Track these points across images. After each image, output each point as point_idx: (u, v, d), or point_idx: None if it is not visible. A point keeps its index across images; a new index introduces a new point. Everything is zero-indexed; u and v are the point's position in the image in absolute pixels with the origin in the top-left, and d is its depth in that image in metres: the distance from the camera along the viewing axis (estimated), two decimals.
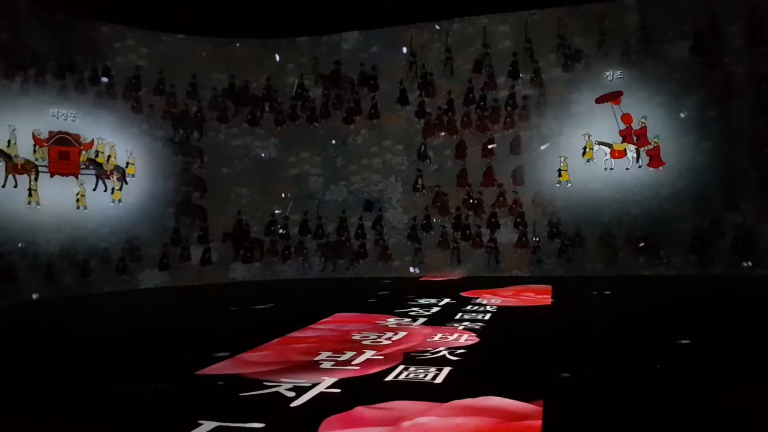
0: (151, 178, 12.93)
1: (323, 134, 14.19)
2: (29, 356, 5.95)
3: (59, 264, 11.26)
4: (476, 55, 13.17)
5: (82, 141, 11.84)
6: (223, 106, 13.64)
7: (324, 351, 5.47)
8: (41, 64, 11.17)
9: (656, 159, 12.20)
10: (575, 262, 12.39)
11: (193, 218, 13.32)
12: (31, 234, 10.91)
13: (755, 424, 3.37)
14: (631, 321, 7.07)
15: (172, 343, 6.45)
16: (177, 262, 13.04)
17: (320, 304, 9.00)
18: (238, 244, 13.70)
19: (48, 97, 11.37)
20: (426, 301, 8.86)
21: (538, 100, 12.86)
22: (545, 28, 12.83)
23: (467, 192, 13.24)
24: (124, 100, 12.54)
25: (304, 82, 14.01)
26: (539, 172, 12.88)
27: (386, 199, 13.81)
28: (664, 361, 4.80)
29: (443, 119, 13.45)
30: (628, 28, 12.24)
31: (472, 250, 13.18)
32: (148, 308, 10.12)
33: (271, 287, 12.56)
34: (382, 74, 13.72)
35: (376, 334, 6.27)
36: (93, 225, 11.93)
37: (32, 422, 3.80)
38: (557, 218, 12.59)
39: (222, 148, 13.87)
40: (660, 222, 11.86)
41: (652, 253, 11.92)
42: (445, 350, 5.35)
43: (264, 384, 4.38)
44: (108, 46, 12.58)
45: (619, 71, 12.36)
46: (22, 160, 10.80)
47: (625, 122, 12.38)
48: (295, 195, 14.16)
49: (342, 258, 14.00)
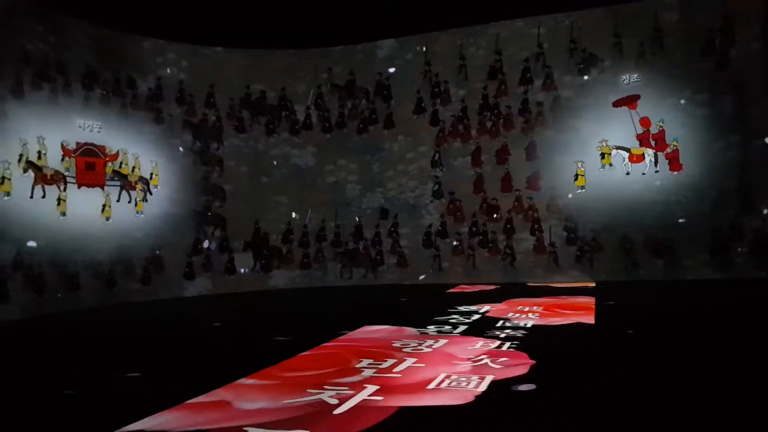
0: (173, 188, 13.14)
1: (360, 142, 14.26)
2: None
3: (84, 274, 11.29)
4: (491, 62, 13.32)
5: (108, 152, 12.10)
6: (240, 116, 13.82)
7: (365, 358, 5.44)
8: (70, 74, 11.43)
9: (675, 162, 12.05)
10: (593, 267, 12.34)
11: (214, 227, 13.50)
12: (59, 244, 10.97)
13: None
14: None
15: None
16: (208, 270, 13.21)
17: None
18: (256, 252, 13.93)
19: (75, 107, 11.59)
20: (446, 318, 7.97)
21: (552, 104, 12.84)
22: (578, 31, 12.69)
23: (483, 198, 13.35)
24: (146, 111, 12.80)
25: (321, 92, 14.21)
26: (555, 177, 12.79)
27: (423, 205, 13.78)
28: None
29: (458, 126, 13.62)
30: (643, 30, 12.12)
31: (490, 257, 13.18)
32: (206, 313, 10.47)
33: (312, 294, 12.77)
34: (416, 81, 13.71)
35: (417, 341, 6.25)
36: (117, 236, 12.05)
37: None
38: (574, 224, 12.57)
39: (261, 157, 14.17)
40: (678, 226, 11.67)
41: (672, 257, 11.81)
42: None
43: (308, 391, 4.38)
44: (150, 60, 13.03)
45: (635, 74, 12.26)
46: (52, 170, 10.99)
47: (643, 126, 12.29)
48: (332, 202, 14.24)
49: (360, 265, 14.17)
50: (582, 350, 5.67)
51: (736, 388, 4.14)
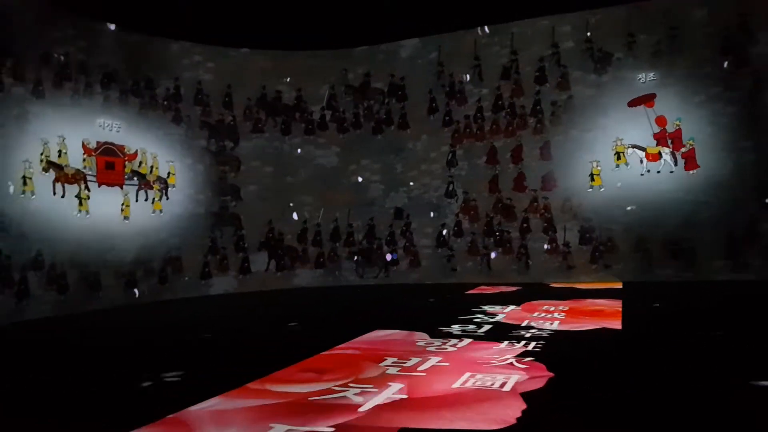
0: (190, 188, 13.25)
1: (383, 142, 14.22)
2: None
3: (104, 273, 11.31)
4: (504, 62, 13.32)
5: (127, 152, 12.21)
6: (258, 116, 13.88)
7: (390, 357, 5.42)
8: (91, 75, 11.56)
9: (691, 161, 11.90)
10: (610, 268, 12.24)
11: (231, 227, 13.53)
12: (79, 243, 11.02)
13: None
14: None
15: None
16: (225, 270, 13.29)
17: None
18: (271, 252, 13.94)
19: (96, 107, 11.67)
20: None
21: (566, 104, 12.79)
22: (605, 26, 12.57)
23: (498, 198, 13.32)
24: (164, 111, 12.87)
25: (334, 93, 14.23)
26: (570, 177, 12.74)
27: (446, 204, 13.71)
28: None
29: (472, 127, 13.62)
30: (658, 28, 12.01)
31: (504, 256, 13.14)
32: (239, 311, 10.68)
33: (337, 293, 12.79)
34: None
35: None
36: (137, 235, 12.10)
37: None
38: (590, 224, 12.49)
39: (286, 158, 14.24)
40: (695, 226, 11.47)
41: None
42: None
43: (333, 389, 4.40)
44: (176, 62, 13.22)
45: (651, 73, 12.17)
46: (73, 170, 11.08)
47: (659, 125, 12.18)
48: (356, 202, 14.25)
49: (374, 265, 14.18)
50: (605, 361, 5.20)
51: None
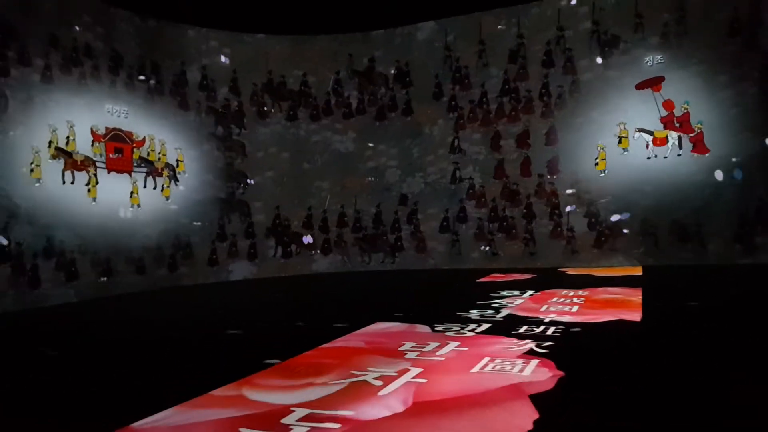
0: (198, 175, 13.22)
1: (400, 127, 14.07)
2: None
3: (116, 259, 11.36)
4: (511, 46, 13.16)
5: (135, 138, 12.17)
6: (261, 101, 13.80)
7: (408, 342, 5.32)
8: (99, 59, 11.45)
9: (700, 145, 11.75)
10: (617, 251, 12.15)
11: (238, 214, 13.61)
12: (89, 230, 10.99)
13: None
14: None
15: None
16: (234, 257, 13.39)
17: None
18: (278, 238, 14.02)
19: (102, 93, 11.56)
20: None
21: (570, 87, 12.61)
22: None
23: (504, 183, 13.27)
24: (171, 96, 12.82)
25: (339, 78, 14.09)
26: (575, 161, 12.62)
27: (463, 189, 13.50)
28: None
29: (477, 112, 13.53)
30: (667, 10, 11.81)
31: (507, 241, 13.07)
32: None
33: (355, 278, 12.87)
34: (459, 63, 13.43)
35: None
36: (147, 222, 12.12)
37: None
38: (596, 208, 12.41)
39: (303, 144, 14.23)
40: (704, 210, 11.39)
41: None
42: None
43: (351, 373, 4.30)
44: (194, 49, 13.20)
45: (659, 56, 12.00)
46: (82, 156, 10.98)
47: (666, 109, 11.99)
48: (372, 187, 14.19)
49: (379, 251, 14.17)
50: (621, 359, 4.63)
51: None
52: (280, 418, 3.38)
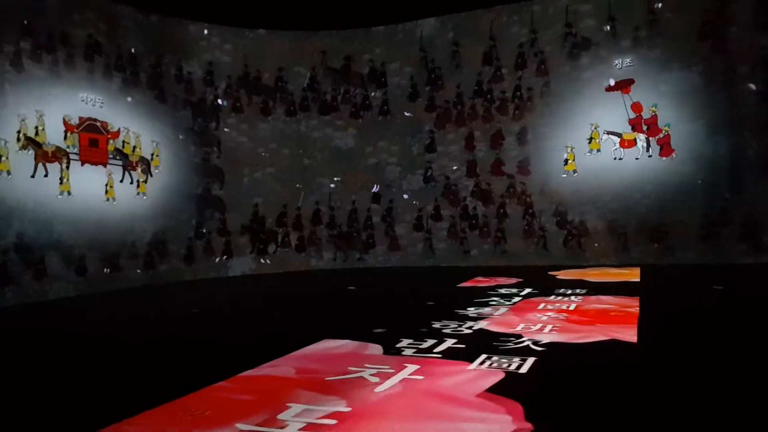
0: (173, 170, 12.92)
1: (400, 123, 13.93)
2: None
3: (90, 255, 10.98)
4: (485, 48, 13.20)
5: (110, 129, 11.70)
6: (237, 95, 13.54)
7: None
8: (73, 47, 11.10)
9: (667, 147, 11.80)
10: (581, 250, 12.13)
11: (212, 210, 13.34)
12: (62, 225, 10.61)
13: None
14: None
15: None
16: (204, 256, 13.13)
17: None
18: (254, 236, 13.69)
19: (78, 81, 11.17)
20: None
21: (542, 89, 12.60)
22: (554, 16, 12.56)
23: (476, 182, 13.27)
24: (148, 89, 12.43)
25: (316, 74, 13.88)
26: (545, 162, 12.63)
27: (464, 186, 13.38)
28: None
29: (452, 112, 13.51)
30: (637, 13, 11.81)
31: (480, 239, 13.04)
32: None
33: (354, 274, 12.61)
34: (461, 60, 13.32)
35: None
36: (121, 217, 11.75)
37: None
38: (564, 208, 12.42)
39: (303, 140, 14.07)
40: (670, 211, 11.39)
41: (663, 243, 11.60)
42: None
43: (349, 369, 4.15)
44: (195, 44, 13.08)
45: (629, 59, 12.02)
46: (53, 147, 10.54)
47: (635, 111, 12.02)
48: (373, 183, 14.06)
49: (353, 248, 14.01)
50: (612, 401, 3.48)
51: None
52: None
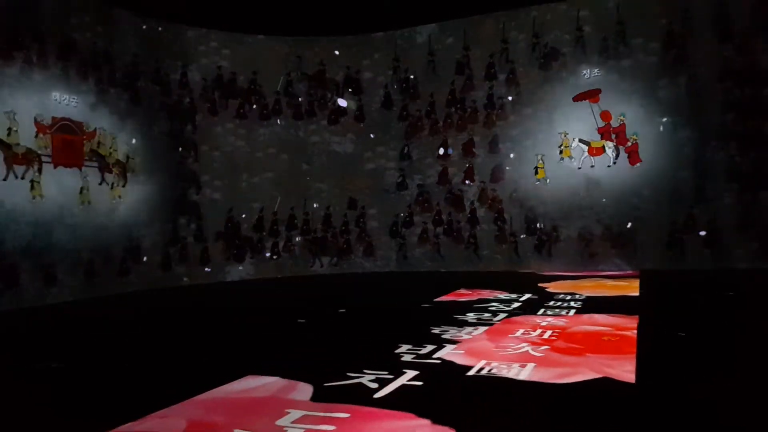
0: (150, 173, 12.60)
1: (400, 129, 13.78)
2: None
3: (61, 265, 10.51)
4: (458, 57, 13.23)
5: (86, 129, 11.21)
6: (212, 97, 13.30)
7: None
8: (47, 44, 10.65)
9: (634, 156, 11.88)
10: (553, 257, 12.15)
11: (189, 216, 13.05)
12: (35, 230, 10.18)
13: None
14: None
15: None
16: (184, 259, 12.89)
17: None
18: (229, 242, 13.35)
19: (50, 80, 10.73)
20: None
21: (514, 99, 12.64)
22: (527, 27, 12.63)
23: (448, 189, 13.30)
24: (123, 90, 12.06)
25: (291, 79, 13.74)
26: (517, 170, 12.62)
27: (463, 191, 13.17)
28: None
29: (425, 121, 13.47)
30: (605, 24, 11.89)
31: (455, 244, 13.01)
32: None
33: (358, 280, 12.48)
34: (437, 69, 13.28)
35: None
36: (98, 221, 11.36)
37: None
38: (534, 214, 12.42)
39: (302, 145, 13.86)
40: (636, 218, 11.42)
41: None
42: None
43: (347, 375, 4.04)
44: (193, 49, 12.98)
45: (596, 69, 12.08)
46: (24, 149, 10.10)
47: (604, 119, 12.13)
48: (372, 189, 13.93)
49: (328, 254, 13.81)
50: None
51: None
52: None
